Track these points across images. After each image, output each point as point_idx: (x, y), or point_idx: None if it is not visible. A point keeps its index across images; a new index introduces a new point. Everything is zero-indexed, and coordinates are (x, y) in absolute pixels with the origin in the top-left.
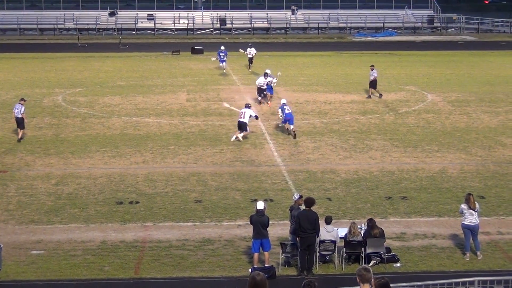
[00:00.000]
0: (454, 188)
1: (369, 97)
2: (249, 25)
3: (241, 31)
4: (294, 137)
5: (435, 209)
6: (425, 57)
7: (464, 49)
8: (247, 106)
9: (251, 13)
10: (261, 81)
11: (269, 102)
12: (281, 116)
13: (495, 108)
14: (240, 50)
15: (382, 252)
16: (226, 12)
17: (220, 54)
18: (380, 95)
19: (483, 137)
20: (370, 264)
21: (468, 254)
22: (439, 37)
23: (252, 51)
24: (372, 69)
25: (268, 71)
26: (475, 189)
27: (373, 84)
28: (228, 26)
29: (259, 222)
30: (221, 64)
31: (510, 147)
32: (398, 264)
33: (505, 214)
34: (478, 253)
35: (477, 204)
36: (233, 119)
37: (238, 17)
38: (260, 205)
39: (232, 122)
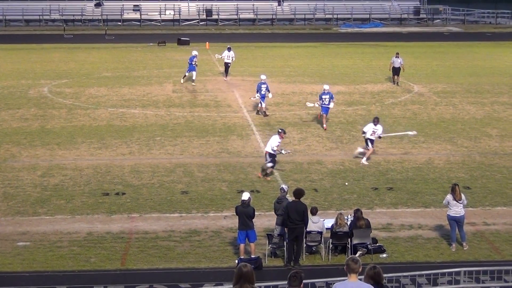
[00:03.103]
0: (440, 179)
1: (397, 83)
2: (235, 16)
3: (227, 22)
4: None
5: (421, 199)
6: (411, 48)
7: (450, 40)
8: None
9: (237, 4)
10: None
11: (324, 125)
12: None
13: (481, 99)
14: (216, 55)
15: (368, 243)
16: (213, 3)
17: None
18: (397, 83)
19: (469, 128)
20: (357, 254)
21: (454, 245)
22: (425, 28)
23: (229, 55)
24: (397, 56)
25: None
26: (461, 180)
27: (397, 71)
28: (215, 17)
29: (244, 213)
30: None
31: (496, 138)
32: (385, 255)
33: (491, 205)
34: (464, 243)
35: (462, 195)
36: (219, 110)
37: (224, 8)
38: (245, 195)
39: (219, 114)
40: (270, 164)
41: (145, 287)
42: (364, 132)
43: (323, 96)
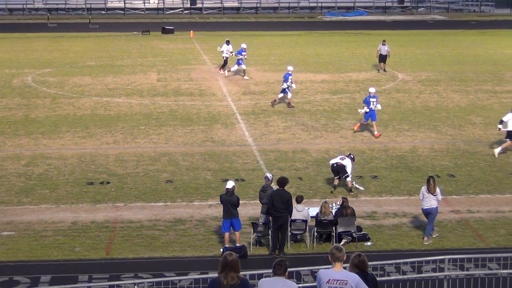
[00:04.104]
0: (424, 167)
1: (384, 70)
2: (219, 5)
3: (211, 11)
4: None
5: (405, 188)
6: (395, 36)
7: (434, 28)
8: None
9: None
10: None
11: (376, 132)
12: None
13: (465, 87)
14: (218, 48)
15: (353, 231)
16: None
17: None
18: (385, 70)
19: (453, 116)
20: (341, 243)
21: (426, 239)
22: (409, 17)
23: (228, 49)
24: (383, 44)
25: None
26: (445, 167)
27: (383, 58)
28: (199, 5)
29: (229, 202)
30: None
31: (480, 126)
32: (369, 243)
33: (475, 193)
34: (426, 238)
35: (437, 189)
36: (204, 99)
37: None
38: (229, 184)
39: (203, 102)
40: (349, 179)
41: (130, 276)
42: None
43: (371, 100)
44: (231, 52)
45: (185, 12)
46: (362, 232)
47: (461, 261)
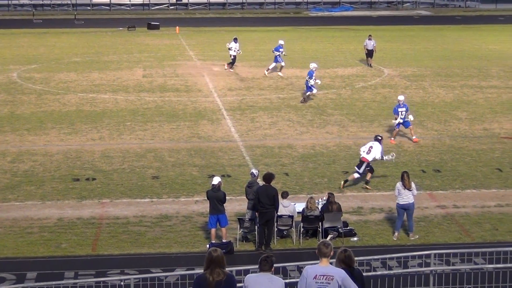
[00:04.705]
0: (410, 162)
1: (370, 65)
2: (205, 0)
3: (197, 7)
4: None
5: (391, 183)
6: (381, 32)
7: (420, 23)
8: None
9: None
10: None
11: (414, 137)
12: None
13: (451, 82)
14: (227, 44)
15: (339, 226)
16: None
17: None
18: (370, 65)
19: (439, 112)
20: (328, 238)
21: (397, 234)
22: (395, 12)
23: (235, 47)
24: (369, 39)
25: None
26: (431, 163)
27: (370, 53)
28: (184, 1)
29: (215, 198)
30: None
31: (466, 121)
32: (355, 238)
33: (461, 188)
34: (411, 234)
35: (413, 184)
36: (189, 95)
37: None
38: (215, 180)
39: (189, 98)
40: (357, 175)
41: (116, 272)
42: None
43: (399, 109)
44: (239, 50)
45: (170, 7)
46: (348, 228)
47: (447, 256)
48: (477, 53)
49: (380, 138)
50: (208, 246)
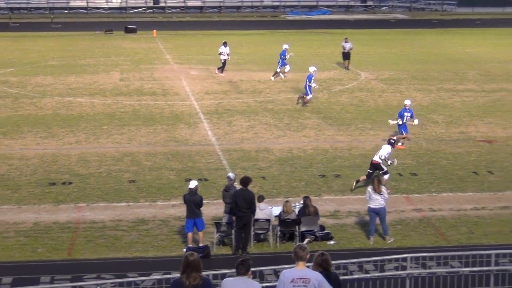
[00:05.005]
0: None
1: (347, 68)
2: (182, 4)
3: (174, 10)
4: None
5: (368, 186)
6: (358, 35)
7: (397, 27)
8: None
9: None
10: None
11: (401, 143)
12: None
13: (427, 86)
14: (219, 49)
15: (316, 230)
16: None
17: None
18: (347, 68)
19: (416, 115)
20: (305, 242)
21: (372, 238)
22: (372, 16)
23: (225, 51)
24: (346, 41)
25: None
26: (408, 166)
27: (347, 55)
28: (162, 5)
29: (192, 201)
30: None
31: (442, 124)
32: (332, 242)
33: (437, 191)
34: (387, 237)
35: (383, 188)
36: (167, 98)
37: None
38: (192, 184)
39: (166, 102)
40: (386, 177)
41: (93, 277)
42: None
43: (405, 114)
44: (228, 54)
45: (148, 11)
46: (325, 231)
47: (423, 260)
48: (454, 57)
49: (393, 141)
50: (184, 250)
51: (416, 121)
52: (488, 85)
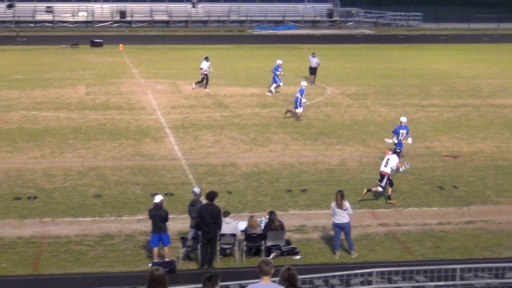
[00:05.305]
0: (353, 180)
1: (313, 82)
2: (149, 18)
3: (141, 24)
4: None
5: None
6: (324, 50)
7: (363, 42)
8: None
9: (151, 6)
10: None
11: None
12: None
13: (393, 101)
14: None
15: (282, 244)
16: (126, 5)
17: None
18: (314, 82)
19: (381, 130)
20: (271, 256)
21: (338, 253)
22: (338, 31)
23: (208, 66)
24: (313, 56)
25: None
26: (374, 181)
27: (313, 70)
28: (128, 19)
29: (158, 216)
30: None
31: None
32: (298, 257)
33: (403, 206)
34: (352, 252)
35: (346, 203)
36: (133, 113)
37: (138, 9)
38: (157, 198)
39: (132, 116)
40: (380, 189)
41: None
42: None
43: (401, 131)
44: (210, 68)
45: (114, 25)
46: (291, 246)
47: (389, 274)
48: (419, 72)
49: (398, 151)
50: (150, 265)
51: (410, 140)
52: (453, 101)
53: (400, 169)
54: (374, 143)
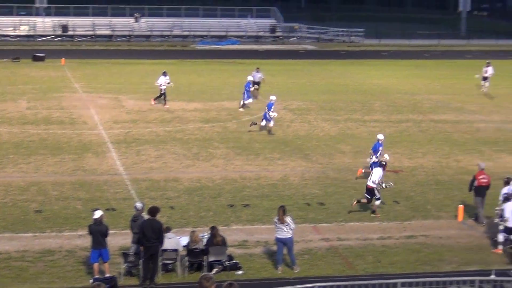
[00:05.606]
0: (295, 195)
1: (256, 97)
2: (91, 32)
3: (83, 38)
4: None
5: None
6: (267, 65)
7: (306, 58)
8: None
9: (93, 20)
10: None
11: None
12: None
13: (335, 116)
14: (155, 83)
15: (224, 260)
16: (68, 19)
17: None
18: (256, 97)
19: (324, 145)
20: (213, 272)
21: (280, 268)
22: (281, 46)
23: (165, 81)
24: (257, 71)
25: None
26: (316, 196)
27: (257, 85)
28: (70, 33)
29: (98, 231)
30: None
31: (349, 154)
32: (240, 272)
33: (345, 221)
34: (294, 267)
35: (287, 219)
36: (75, 127)
37: (80, 24)
38: (97, 214)
39: (74, 131)
40: (378, 202)
41: None
42: None
43: (380, 148)
44: (168, 83)
45: (56, 39)
46: (233, 261)
47: None
48: (361, 88)
49: (384, 163)
50: (91, 281)
51: (386, 156)
52: (394, 116)
53: (384, 185)
54: (317, 158)
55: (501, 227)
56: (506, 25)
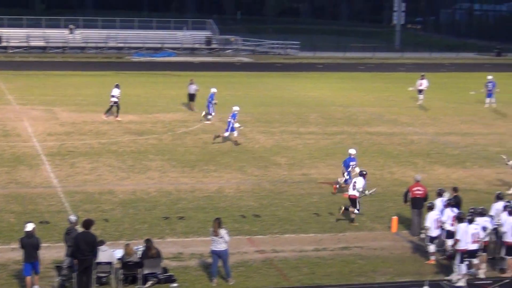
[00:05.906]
0: (230, 207)
1: (192, 109)
2: (25, 44)
3: (17, 50)
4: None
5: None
6: (203, 78)
7: (241, 70)
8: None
9: (27, 32)
10: None
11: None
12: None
13: (271, 128)
14: (111, 97)
15: (159, 272)
16: (2, 30)
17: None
18: (192, 109)
19: (259, 157)
20: (147, 285)
21: (215, 280)
22: (216, 58)
23: (117, 93)
24: (191, 83)
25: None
26: (251, 208)
27: (192, 97)
28: (4, 44)
29: (30, 244)
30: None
31: (285, 166)
32: (175, 284)
33: (280, 232)
34: (229, 279)
35: (221, 231)
36: (8, 139)
37: (14, 35)
38: (29, 227)
39: (7, 143)
40: (357, 212)
41: None
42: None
43: (351, 163)
44: (117, 96)
45: None
46: (168, 274)
47: None
48: (296, 100)
49: (364, 173)
50: None
51: (357, 169)
52: (330, 128)
53: (367, 192)
54: (252, 171)
55: (422, 235)
56: (439, 38)
